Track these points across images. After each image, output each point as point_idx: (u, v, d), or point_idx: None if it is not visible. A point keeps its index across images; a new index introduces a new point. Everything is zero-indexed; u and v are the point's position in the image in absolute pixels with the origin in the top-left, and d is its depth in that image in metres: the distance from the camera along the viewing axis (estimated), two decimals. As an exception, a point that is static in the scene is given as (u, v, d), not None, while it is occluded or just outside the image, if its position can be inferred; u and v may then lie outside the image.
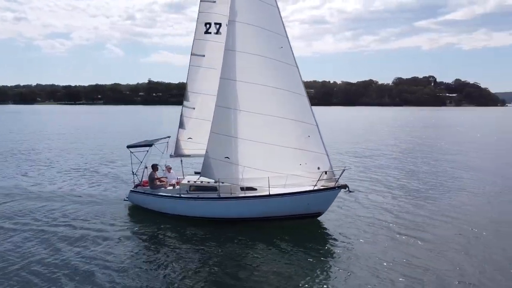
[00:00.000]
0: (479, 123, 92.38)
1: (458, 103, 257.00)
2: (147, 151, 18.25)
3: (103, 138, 51.86)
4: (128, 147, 18.70)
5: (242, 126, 16.56)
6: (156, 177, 18.11)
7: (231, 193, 16.85)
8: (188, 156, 19.04)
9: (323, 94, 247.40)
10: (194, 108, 18.13)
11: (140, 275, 12.28)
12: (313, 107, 16.84)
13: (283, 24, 16.48)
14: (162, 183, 18.23)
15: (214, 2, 17.17)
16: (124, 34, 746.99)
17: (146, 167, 18.69)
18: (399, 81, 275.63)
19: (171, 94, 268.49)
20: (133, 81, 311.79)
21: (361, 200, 20.14)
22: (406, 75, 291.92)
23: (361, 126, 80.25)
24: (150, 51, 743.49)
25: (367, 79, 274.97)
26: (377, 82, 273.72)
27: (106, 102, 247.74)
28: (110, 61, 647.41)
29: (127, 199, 19.04)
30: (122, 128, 69.23)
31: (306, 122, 16.52)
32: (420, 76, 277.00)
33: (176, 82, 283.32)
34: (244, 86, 16.41)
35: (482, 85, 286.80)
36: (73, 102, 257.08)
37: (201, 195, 17.08)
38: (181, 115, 18.46)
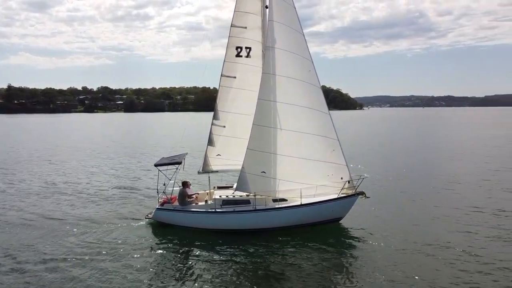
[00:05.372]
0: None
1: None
2: (177, 168, 18.35)
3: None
4: (156, 165, 18.51)
5: (278, 142, 17.98)
6: (187, 193, 18.37)
7: (265, 205, 18.13)
8: (216, 172, 19.60)
9: (203, 99, 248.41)
10: (224, 127, 18.80)
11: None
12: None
13: (308, 50, 18.40)
14: (192, 199, 18.57)
15: (245, 28, 18.22)
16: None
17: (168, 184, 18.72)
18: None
19: (37, 101, 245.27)
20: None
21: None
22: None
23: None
24: (8, 53, 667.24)
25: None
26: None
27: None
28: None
29: (149, 217, 18.87)
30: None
31: (330, 137, 18.60)
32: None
33: (43, 87, 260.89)
34: (279, 106, 17.87)
35: (344, 91, 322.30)
36: None
37: (236, 209, 17.99)
38: (210, 133, 18.94)
